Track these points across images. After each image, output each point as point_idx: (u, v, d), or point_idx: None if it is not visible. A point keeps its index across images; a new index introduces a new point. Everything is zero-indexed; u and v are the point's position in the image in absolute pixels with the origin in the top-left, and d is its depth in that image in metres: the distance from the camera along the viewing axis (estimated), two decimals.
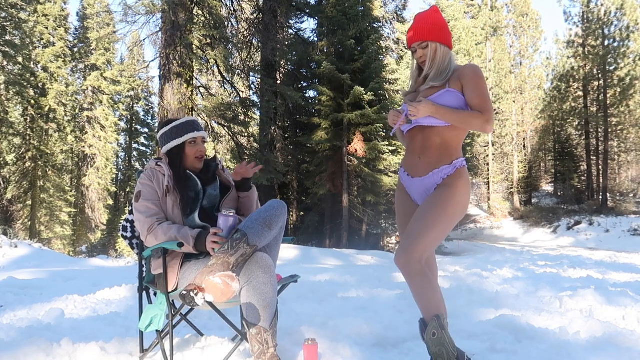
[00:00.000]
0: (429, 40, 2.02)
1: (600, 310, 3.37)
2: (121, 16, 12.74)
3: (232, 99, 15.77)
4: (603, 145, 24.52)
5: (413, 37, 2.05)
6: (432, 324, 1.89)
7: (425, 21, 2.03)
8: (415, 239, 1.89)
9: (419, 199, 2.10)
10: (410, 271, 1.89)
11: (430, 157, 2.02)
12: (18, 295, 4.21)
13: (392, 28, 20.79)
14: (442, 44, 2.03)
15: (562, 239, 21.15)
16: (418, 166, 2.05)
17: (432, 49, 2.02)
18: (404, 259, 1.88)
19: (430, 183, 2.03)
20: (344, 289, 4.50)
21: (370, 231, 16.37)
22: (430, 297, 1.90)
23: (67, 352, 2.22)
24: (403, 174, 2.15)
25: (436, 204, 1.95)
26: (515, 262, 9.54)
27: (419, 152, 2.05)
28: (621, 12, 23.00)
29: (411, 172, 2.09)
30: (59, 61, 24.75)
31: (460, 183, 1.99)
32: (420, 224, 1.91)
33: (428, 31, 2.02)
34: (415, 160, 2.06)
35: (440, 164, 2.01)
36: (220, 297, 1.81)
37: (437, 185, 2.01)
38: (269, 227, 2.02)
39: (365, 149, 14.24)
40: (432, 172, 2.01)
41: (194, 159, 2.26)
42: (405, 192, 2.16)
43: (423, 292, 1.90)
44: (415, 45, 2.06)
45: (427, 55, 2.03)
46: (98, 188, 27.39)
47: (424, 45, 2.03)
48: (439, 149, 2.02)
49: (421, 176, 2.04)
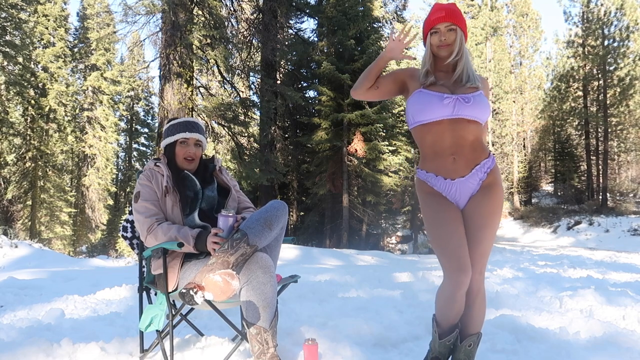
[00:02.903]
0: (459, 26, 1.92)
1: (600, 310, 3.37)
2: (121, 16, 12.74)
3: (232, 99, 15.77)
4: (603, 145, 24.52)
5: (444, 16, 1.91)
6: (475, 339, 1.96)
7: (454, 7, 1.96)
8: (483, 257, 1.90)
9: (461, 200, 1.96)
10: (481, 290, 1.93)
11: (467, 155, 1.91)
12: (18, 295, 4.21)
13: (392, 28, 20.78)
14: (464, 37, 1.97)
15: (562, 239, 21.15)
16: (455, 167, 1.92)
17: (460, 36, 1.93)
18: (477, 278, 1.90)
19: (475, 181, 1.93)
20: (344, 289, 4.50)
21: (370, 231, 16.37)
22: (483, 316, 1.99)
23: (67, 352, 2.22)
24: (436, 179, 1.95)
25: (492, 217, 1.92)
26: (515, 262, 9.54)
27: (451, 152, 1.91)
28: (621, 12, 23.01)
29: (447, 174, 1.93)
30: (59, 61, 24.76)
31: (500, 177, 2.00)
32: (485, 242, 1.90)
33: (459, 17, 1.93)
34: (449, 161, 1.92)
35: (480, 158, 1.93)
36: (220, 296, 1.81)
37: (483, 182, 1.93)
38: (270, 227, 2.02)
39: (365, 149, 14.24)
40: (475, 169, 1.92)
41: (182, 159, 2.28)
42: (441, 196, 1.96)
43: (481, 312, 1.97)
44: (442, 25, 1.91)
45: (456, 40, 1.92)
46: (98, 188, 27.39)
47: (453, 27, 1.91)
48: (473, 144, 1.92)
49: (463, 176, 1.91)
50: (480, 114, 1.91)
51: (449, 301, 1.92)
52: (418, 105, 1.92)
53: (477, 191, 1.94)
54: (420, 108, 1.91)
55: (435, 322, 2.02)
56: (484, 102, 1.92)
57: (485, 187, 1.93)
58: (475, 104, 1.88)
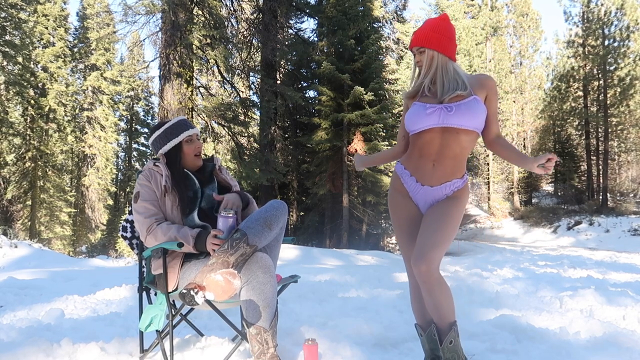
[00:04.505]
0: (426, 47, 2.02)
1: (601, 310, 3.37)
2: (121, 16, 12.77)
3: (232, 99, 15.79)
4: (603, 145, 24.51)
5: (412, 41, 2.08)
6: (451, 332, 1.94)
7: (429, 27, 2.04)
8: (433, 247, 1.91)
9: (422, 206, 2.09)
10: (431, 279, 1.91)
11: (445, 167, 2.00)
12: (18, 295, 4.21)
13: (392, 28, 20.81)
14: (441, 53, 2.01)
15: (562, 239, 21.14)
16: (430, 174, 2.01)
17: (429, 57, 2.02)
18: (426, 267, 1.88)
19: (440, 194, 2.03)
20: (344, 289, 4.49)
21: (370, 231, 16.37)
22: (449, 304, 1.95)
23: (67, 352, 2.22)
24: (409, 179, 2.08)
25: (450, 215, 1.98)
26: (515, 262, 9.53)
27: (433, 158, 2.01)
28: (621, 12, 23.00)
29: (420, 178, 2.04)
30: (58, 61, 24.75)
31: (466, 196, 2.07)
32: (438, 233, 1.93)
33: (427, 38, 2.02)
34: (428, 166, 2.02)
35: (452, 176, 2.01)
36: (221, 295, 1.80)
37: (446, 196, 2.03)
38: (269, 227, 2.02)
39: (365, 149, 14.24)
40: (444, 184, 2.01)
41: (193, 156, 2.28)
42: (407, 196, 2.10)
43: (443, 300, 1.93)
44: (415, 49, 2.06)
45: (424, 60, 2.04)
46: (98, 188, 27.40)
47: (422, 50, 2.04)
48: (455, 159, 2.01)
49: (432, 185, 2.02)
50: (467, 122, 1.96)
51: (418, 297, 2.10)
52: (409, 117, 2.05)
53: (439, 201, 2.05)
54: (410, 119, 2.04)
55: (417, 327, 2.14)
56: (472, 109, 1.96)
57: (446, 199, 2.04)
58: (459, 113, 1.94)
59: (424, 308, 2.08)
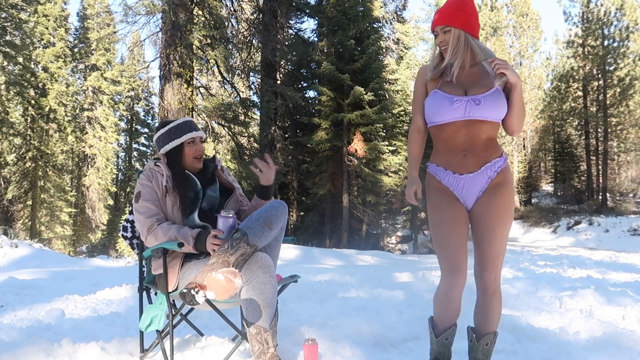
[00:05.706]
0: (452, 26, 1.91)
1: (600, 310, 3.37)
2: (121, 16, 12.77)
3: (232, 99, 15.79)
4: (603, 145, 24.51)
5: (437, 19, 1.95)
6: (491, 337, 1.99)
7: (454, 5, 1.94)
8: (499, 255, 1.90)
9: (468, 198, 1.94)
10: (498, 288, 1.94)
11: (479, 152, 1.91)
12: (18, 295, 4.21)
13: (392, 28, 20.80)
14: (466, 31, 1.92)
15: (562, 238, 21.14)
16: (465, 162, 1.91)
17: (455, 36, 1.91)
18: (495, 276, 1.91)
19: (483, 180, 1.91)
20: (344, 289, 4.49)
21: (370, 231, 16.37)
22: (500, 314, 2.00)
23: (67, 352, 2.22)
24: (445, 173, 1.94)
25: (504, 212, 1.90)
26: (515, 262, 9.52)
27: (463, 149, 1.91)
28: (621, 12, 23.00)
29: (456, 169, 1.92)
30: (59, 61, 24.75)
31: (511, 177, 1.98)
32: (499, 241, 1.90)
33: (452, 16, 1.91)
34: (459, 157, 1.92)
35: (491, 157, 1.91)
36: (222, 294, 1.80)
37: (491, 181, 1.91)
38: (269, 227, 2.03)
39: (365, 149, 14.24)
40: (485, 166, 1.90)
41: (192, 158, 2.27)
42: (448, 192, 1.95)
43: (498, 309, 1.98)
44: (438, 29, 1.94)
45: (449, 41, 1.92)
46: (98, 188, 27.40)
47: (447, 29, 1.92)
48: (486, 143, 1.92)
49: (472, 172, 1.90)
50: (493, 114, 1.89)
51: (444, 301, 1.96)
52: (431, 108, 1.94)
53: (486, 191, 1.92)
54: (433, 110, 1.93)
55: (431, 323, 2.05)
56: (497, 101, 1.89)
57: (493, 186, 1.91)
58: (486, 105, 1.87)
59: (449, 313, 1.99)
